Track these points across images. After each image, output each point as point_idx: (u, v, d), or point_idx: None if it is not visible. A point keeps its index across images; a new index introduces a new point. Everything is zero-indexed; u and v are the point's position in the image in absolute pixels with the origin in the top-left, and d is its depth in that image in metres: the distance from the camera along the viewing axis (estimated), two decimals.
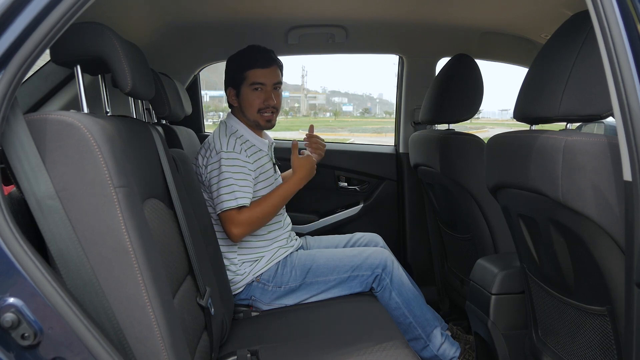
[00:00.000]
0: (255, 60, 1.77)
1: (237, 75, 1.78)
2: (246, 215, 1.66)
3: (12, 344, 0.77)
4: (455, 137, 1.87)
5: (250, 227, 1.67)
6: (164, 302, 0.89)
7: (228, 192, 1.64)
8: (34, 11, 0.78)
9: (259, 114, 1.78)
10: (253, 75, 1.76)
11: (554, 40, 1.10)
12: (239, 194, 1.64)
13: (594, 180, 0.92)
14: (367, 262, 1.74)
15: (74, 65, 1.00)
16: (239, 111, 1.81)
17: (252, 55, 1.78)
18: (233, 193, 1.64)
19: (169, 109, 1.78)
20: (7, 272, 0.77)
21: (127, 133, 0.98)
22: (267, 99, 1.77)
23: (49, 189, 0.81)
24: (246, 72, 1.76)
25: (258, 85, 1.76)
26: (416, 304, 1.76)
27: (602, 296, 1.01)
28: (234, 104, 1.81)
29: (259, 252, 1.76)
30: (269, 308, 1.73)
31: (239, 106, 1.80)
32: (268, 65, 1.78)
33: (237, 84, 1.78)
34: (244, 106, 1.78)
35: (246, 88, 1.77)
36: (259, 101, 1.76)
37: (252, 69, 1.76)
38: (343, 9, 2.04)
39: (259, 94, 1.76)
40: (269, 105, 1.78)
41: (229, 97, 1.81)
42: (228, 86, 1.81)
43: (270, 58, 1.79)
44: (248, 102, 1.77)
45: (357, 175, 2.59)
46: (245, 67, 1.76)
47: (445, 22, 2.17)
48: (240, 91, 1.78)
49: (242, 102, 1.78)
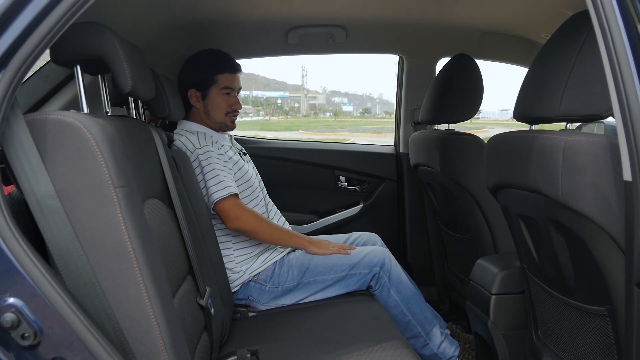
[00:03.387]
0: (226, 64, 1.82)
1: (206, 78, 1.80)
2: (241, 205, 1.69)
3: (12, 344, 0.77)
4: (455, 137, 1.87)
5: (244, 213, 1.68)
6: (164, 302, 0.89)
7: (215, 183, 1.66)
8: (34, 11, 0.78)
9: (227, 116, 1.83)
10: (224, 80, 1.80)
11: (554, 40, 1.10)
12: (226, 183, 1.67)
13: (594, 180, 0.92)
14: (365, 260, 1.74)
15: (74, 65, 1.00)
16: (200, 113, 1.83)
17: (223, 60, 1.83)
18: (221, 183, 1.66)
19: (168, 109, 1.78)
20: (7, 272, 0.77)
21: (127, 133, 0.98)
22: (234, 103, 1.83)
23: (49, 189, 0.81)
24: (217, 75, 1.80)
25: (229, 90, 1.81)
26: (415, 302, 1.76)
27: (602, 296, 1.01)
28: (197, 105, 1.82)
29: (254, 250, 1.77)
30: (266, 308, 1.73)
31: (204, 108, 1.82)
32: (237, 71, 1.84)
33: (205, 87, 1.81)
34: (211, 109, 1.81)
35: (216, 91, 1.81)
36: (227, 105, 1.82)
37: (223, 73, 1.80)
38: (343, 9, 2.04)
39: (227, 98, 1.82)
40: (236, 109, 1.84)
41: (192, 99, 1.82)
42: (190, 87, 1.82)
43: (237, 64, 1.86)
44: (216, 105, 1.81)
45: (357, 175, 2.59)
46: (216, 70, 1.80)
47: (445, 22, 2.17)
48: (208, 94, 1.81)
49: (209, 104, 1.81)
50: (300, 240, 1.79)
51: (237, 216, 1.67)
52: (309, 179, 2.56)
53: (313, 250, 1.78)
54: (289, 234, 1.79)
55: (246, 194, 1.79)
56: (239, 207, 1.68)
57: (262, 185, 1.96)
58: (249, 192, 1.81)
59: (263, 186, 1.97)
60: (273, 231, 1.75)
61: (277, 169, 2.52)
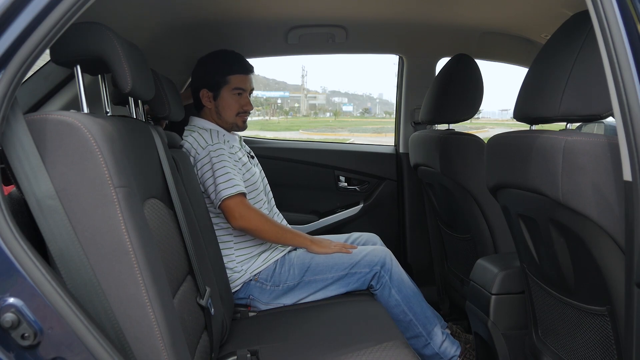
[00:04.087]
0: (238, 65, 1.84)
1: (217, 78, 1.83)
2: (248, 204, 1.70)
3: (12, 344, 0.77)
4: (455, 137, 1.87)
5: (250, 212, 1.69)
6: (164, 302, 0.88)
7: (225, 180, 1.66)
8: (34, 11, 0.78)
9: (238, 117, 1.85)
10: (236, 80, 1.83)
11: (554, 40, 1.10)
12: (235, 181, 1.68)
13: (594, 180, 0.92)
14: (366, 259, 1.74)
15: (74, 65, 1.00)
16: (212, 113, 1.85)
17: (235, 60, 1.85)
18: (230, 181, 1.67)
19: (168, 109, 1.78)
20: (7, 272, 0.77)
21: (127, 133, 0.98)
22: (246, 104, 1.86)
23: (49, 189, 0.81)
24: (229, 76, 1.82)
25: (240, 90, 1.83)
26: (416, 302, 1.76)
27: (602, 296, 1.01)
28: (208, 105, 1.85)
29: (255, 250, 1.77)
30: (267, 308, 1.73)
31: (215, 108, 1.84)
32: (249, 72, 1.87)
33: (217, 87, 1.83)
34: (222, 108, 1.83)
35: (227, 92, 1.83)
36: (238, 105, 1.84)
37: (236, 73, 1.82)
38: (343, 9, 2.04)
39: (238, 99, 1.84)
40: (247, 110, 1.86)
41: (203, 99, 1.84)
42: (202, 87, 1.84)
43: (250, 65, 1.88)
44: (228, 105, 1.83)
45: (357, 175, 2.59)
46: (228, 71, 1.82)
47: (445, 22, 2.17)
48: (220, 94, 1.83)
49: (221, 104, 1.83)
50: (303, 240, 1.79)
51: (242, 215, 1.67)
52: (309, 179, 2.56)
53: (315, 250, 1.78)
54: (292, 234, 1.79)
55: (250, 196, 1.79)
56: (245, 206, 1.68)
57: (267, 189, 1.96)
58: (254, 194, 1.81)
59: (269, 190, 1.98)
60: (277, 230, 1.75)
61: (277, 169, 2.52)
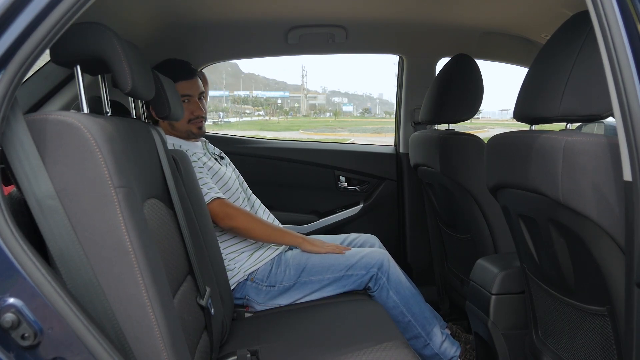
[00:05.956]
0: (179, 73, 1.78)
1: None
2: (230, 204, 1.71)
3: (12, 344, 0.77)
4: (455, 137, 1.87)
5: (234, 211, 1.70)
6: (164, 302, 0.88)
7: None
8: (34, 11, 0.78)
9: (191, 124, 1.82)
10: (180, 88, 1.76)
11: (554, 40, 1.10)
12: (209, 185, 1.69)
13: (594, 180, 0.92)
14: (362, 261, 1.74)
15: (74, 65, 1.00)
16: (165, 126, 1.82)
17: (175, 69, 1.79)
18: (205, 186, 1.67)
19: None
20: (7, 272, 0.77)
21: (127, 133, 0.98)
22: (195, 110, 1.81)
23: (49, 189, 0.81)
24: None
25: (185, 97, 1.79)
26: (414, 302, 1.76)
27: (602, 296, 1.01)
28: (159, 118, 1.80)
29: (246, 247, 1.77)
30: (263, 308, 1.73)
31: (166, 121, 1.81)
32: (191, 77, 1.82)
33: None
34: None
35: None
36: (188, 113, 1.79)
37: (177, 82, 1.76)
38: (343, 9, 2.04)
39: (187, 106, 1.79)
40: (198, 116, 1.82)
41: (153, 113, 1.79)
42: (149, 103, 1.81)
43: (192, 69, 1.83)
44: None
45: (357, 175, 2.59)
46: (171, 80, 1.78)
47: (445, 22, 2.17)
48: None
49: None
50: (294, 238, 1.79)
51: (227, 214, 1.68)
52: (309, 179, 2.56)
53: (308, 248, 1.77)
54: (281, 232, 1.79)
55: (226, 197, 1.79)
56: (227, 206, 1.70)
57: (244, 186, 1.96)
58: (228, 195, 1.81)
59: (246, 186, 1.97)
60: (266, 228, 1.76)
61: (277, 169, 2.52)
